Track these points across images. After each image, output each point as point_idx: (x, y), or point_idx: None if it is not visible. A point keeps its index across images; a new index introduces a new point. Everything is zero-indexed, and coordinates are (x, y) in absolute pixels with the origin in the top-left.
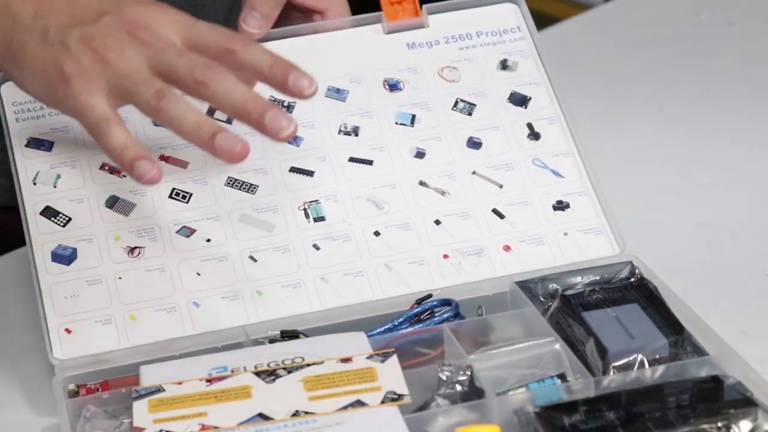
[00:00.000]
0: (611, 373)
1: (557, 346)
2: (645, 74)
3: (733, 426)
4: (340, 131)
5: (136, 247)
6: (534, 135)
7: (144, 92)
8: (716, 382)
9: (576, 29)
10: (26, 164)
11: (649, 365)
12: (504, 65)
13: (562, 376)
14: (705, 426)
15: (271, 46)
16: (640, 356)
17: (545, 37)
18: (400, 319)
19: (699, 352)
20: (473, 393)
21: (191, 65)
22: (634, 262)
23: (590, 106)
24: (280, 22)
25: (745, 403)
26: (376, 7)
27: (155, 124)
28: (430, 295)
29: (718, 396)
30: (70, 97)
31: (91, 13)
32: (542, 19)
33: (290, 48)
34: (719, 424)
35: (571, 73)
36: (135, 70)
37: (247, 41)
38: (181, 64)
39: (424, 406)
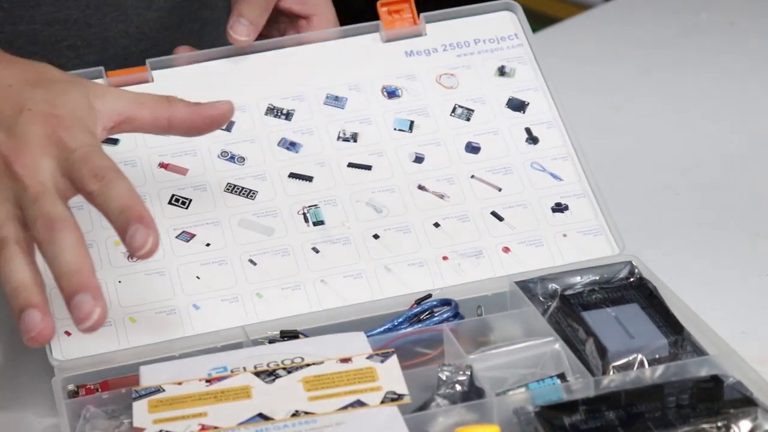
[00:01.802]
0: (611, 372)
1: (557, 346)
2: (645, 74)
3: (733, 426)
4: (339, 137)
5: None
6: (532, 139)
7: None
8: (716, 381)
9: (576, 29)
10: None
11: (649, 365)
12: (502, 72)
13: (562, 376)
14: (705, 426)
15: (270, 55)
16: (639, 356)
17: (545, 37)
18: (400, 319)
19: (699, 351)
20: (473, 393)
21: (34, 218)
22: (633, 262)
23: (590, 106)
24: (266, 27)
25: (745, 403)
26: (373, 13)
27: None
28: (429, 295)
29: (717, 396)
30: None
31: None
32: (542, 19)
33: (289, 57)
34: (719, 424)
35: (570, 73)
36: None
37: (103, 180)
38: (29, 214)
39: (423, 406)
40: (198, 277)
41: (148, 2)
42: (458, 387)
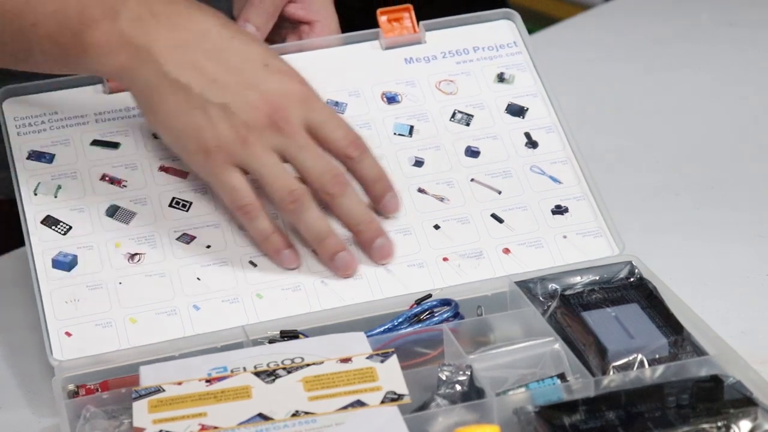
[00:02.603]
0: (611, 372)
1: (557, 346)
2: (645, 74)
3: (733, 426)
4: None
5: (136, 254)
6: (532, 143)
7: (279, 189)
8: (716, 381)
9: (576, 29)
10: (27, 176)
11: (649, 365)
12: (501, 78)
13: (562, 376)
14: (705, 426)
15: None
16: (639, 356)
17: (545, 37)
18: (400, 319)
19: (699, 351)
20: (473, 393)
21: (321, 172)
22: (633, 262)
23: (590, 106)
24: (269, 32)
25: (745, 403)
26: (372, 19)
27: (154, 136)
28: (429, 295)
29: (717, 396)
30: (210, 170)
31: (235, 82)
32: (542, 19)
33: (291, 63)
34: (719, 424)
35: (570, 73)
36: (271, 159)
37: (363, 150)
38: (313, 168)
39: (423, 406)
40: (198, 279)
41: None
42: (458, 387)
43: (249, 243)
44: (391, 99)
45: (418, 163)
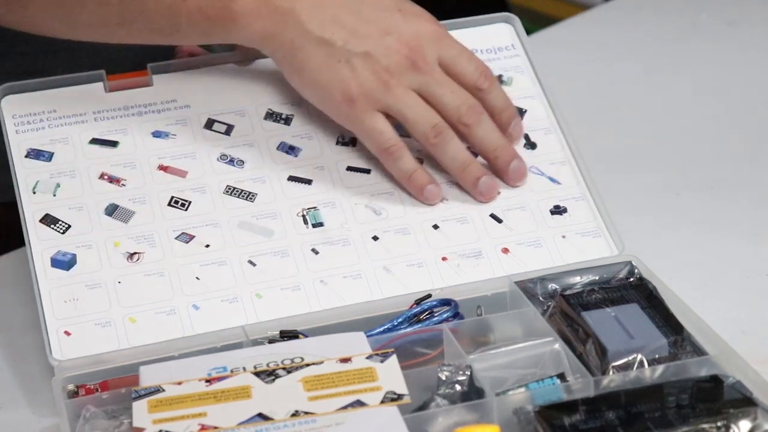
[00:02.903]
0: (611, 372)
1: (556, 345)
2: (645, 74)
3: (733, 426)
4: (338, 142)
5: (135, 253)
6: (530, 145)
7: (423, 125)
8: (716, 381)
9: (576, 29)
10: (26, 174)
11: (649, 365)
12: (500, 80)
13: (562, 376)
14: (705, 426)
15: (271, 61)
16: (639, 356)
17: (545, 37)
18: (400, 319)
19: (699, 351)
20: (473, 393)
21: (458, 104)
22: (633, 262)
23: (590, 106)
24: None
25: (745, 403)
26: None
27: (154, 136)
28: (429, 295)
29: (717, 396)
30: (355, 117)
31: (374, 30)
32: (542, 19)
33: None
34: (719, 424)
35: (570, 73)
36: (413, 99)
37: (492, 82)
38: (451, 102)
39: (423, 406)
40: (197, 278)
41: None
42: (458, 387)
43: (248, 243)
44: None
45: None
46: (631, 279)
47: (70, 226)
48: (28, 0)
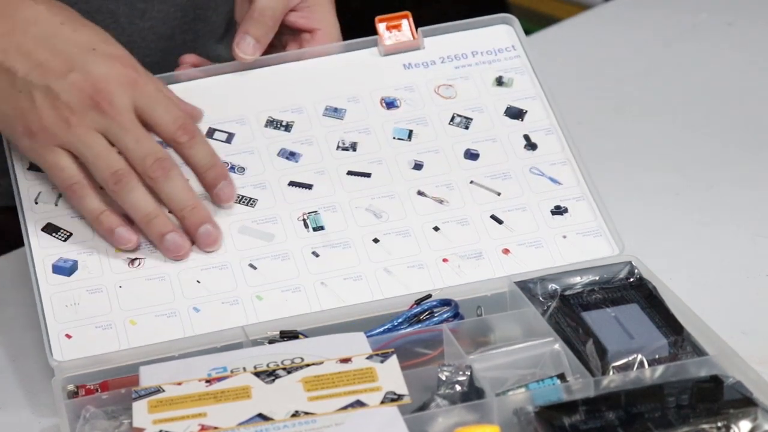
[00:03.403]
0: (611, 373)
1: (557, 346)
2: (645, 74)
3: (733, 426)
4: (338, 147)
5: (136, 258)
6: (531, 145)
7: (103, 168)
8: (716, 382)
9: (576, 29)
10: (28, 185)
11: (649, 365)
12: (499, 82)
13: (562, 376)
14: (705, 426)
15: (271, 69)
16: (639, 356)
17: (545, 37)
18: (400, 320)
19: (699, 352)
20: (473, 393)
21: (143, 155)
22: (633, 262)
23: (590, 106)
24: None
25: (745, 403)
26: (371, 26)
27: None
28: (429, 296)
29: (717, 396)
30: (37, 151)
31: (60, 65)
32: (542, 19)
33: (289, 71)
34: (719, 424)
35: (570, 73)
36: (94, 140)
37: (192, 135)
38: (135, 150)
39: (423, 407)
40: (198, 281)
41: (141, 12)
42: (458, 387)
43: (248, 247)
44: (390, 104)
45: (417, 166)
46: (631, 279)
47: (71, 234)
48: None
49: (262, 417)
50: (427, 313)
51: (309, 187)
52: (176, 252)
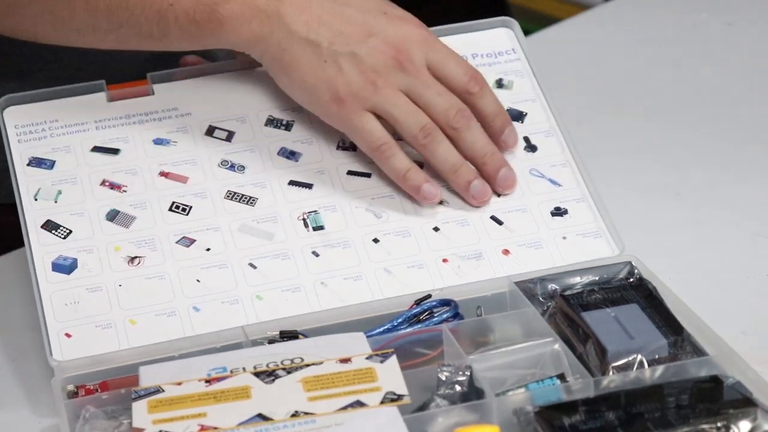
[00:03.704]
0: (611, 373)
1: (556, 346)
2: (645, 74)
3: (733, 426)
4: (338, 146)
5: (136, 257)
6: (531, 147)
7: (412, 125)
8: (716, 382)
9: (576, 29)
10: (27, 182)
11: (649, 365)
12: (500, 84)
13: (562, 377)
14: (705, 426)
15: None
16: (639, 356)
17: (545, 37)
18: (400, 320)
19: (698, 352)
20: (473, 393)
21: (446, 108)
22: (633, 263)
23: (589, 106)
24: None
25: (745, 403)
26: None
27: (155, 143)
28: (429, 296)
29: (717, 396)
30: (345, 117)
31: (359, 31)
32: (542, 19)
33: None
34: (719, 424)
35: (570, 73)
36: (401, 99)
37: (482, 86)
38: (438, 104)
39: (423, 407)
40: (198, 281)
41: None
42: (458, 387)
43: (248, 246)
44: None
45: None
46: (631, 279)
47: (71, 232)
48: (19, 6)
49: (261, 417)
50: (427, 313)
51: (309, 186)
52: (482, 197)
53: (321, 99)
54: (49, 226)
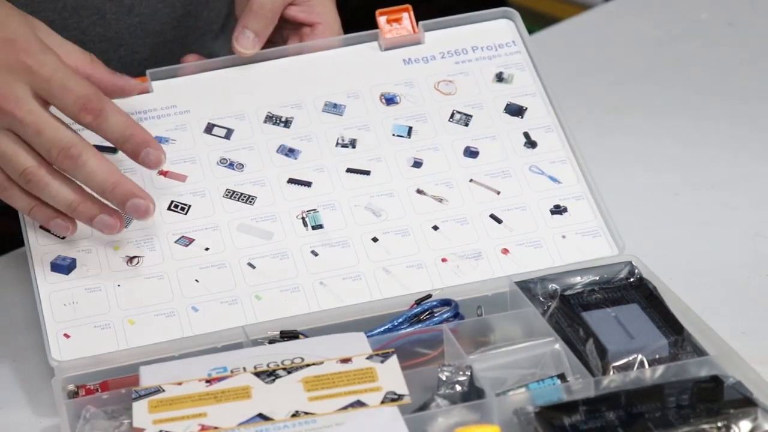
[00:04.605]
0: (611, 373)
1: (557, 346)
2: (645, 74)
3: (733, 426)
4: (337, 144)
5: (134, 257)
6: (530, 143)
7: (11, 171)
8: (716, 382)
9: (576, 29)
10: None
11: (649, 365)
12: (500, 78)
13: (562, 376)
14: (705, 426)
15: (270, 64)
16: (639, 356)
17: (545, 37)
18: (400, 320)
19: (699, 352)
20: (473, 393)
21: (48, 149)
22: (633, 262)
23: (590, 106)
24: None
25: (745, 403)
26: (371, 23)
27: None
28: (429, 296)
29: (718, 396)
30: None
31: None
32: (542, 19)
33: (288, 66)
34: (719, 424)
35: (570, 73)
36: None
37: (97, 113)
38: (40, 145)
39: (423, 407)
40: (197, 280)
41: (128, 7)
42: (458, 387)
43: (247, 245)
44: (390, 100)
45: (417, 164)
46: (631, 279)
47: None
48: None
49: (262, 417)
50: (427, 313)
51: (308, 184)
52: (110, 231)
53: None
54: None
